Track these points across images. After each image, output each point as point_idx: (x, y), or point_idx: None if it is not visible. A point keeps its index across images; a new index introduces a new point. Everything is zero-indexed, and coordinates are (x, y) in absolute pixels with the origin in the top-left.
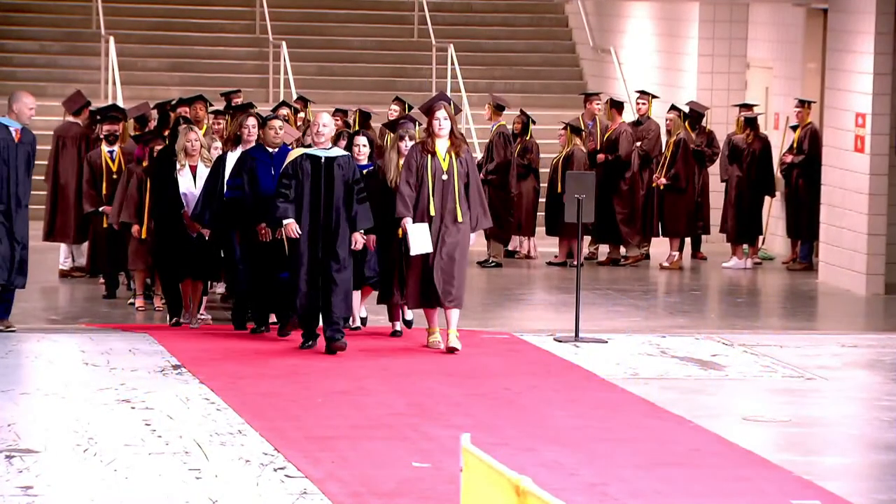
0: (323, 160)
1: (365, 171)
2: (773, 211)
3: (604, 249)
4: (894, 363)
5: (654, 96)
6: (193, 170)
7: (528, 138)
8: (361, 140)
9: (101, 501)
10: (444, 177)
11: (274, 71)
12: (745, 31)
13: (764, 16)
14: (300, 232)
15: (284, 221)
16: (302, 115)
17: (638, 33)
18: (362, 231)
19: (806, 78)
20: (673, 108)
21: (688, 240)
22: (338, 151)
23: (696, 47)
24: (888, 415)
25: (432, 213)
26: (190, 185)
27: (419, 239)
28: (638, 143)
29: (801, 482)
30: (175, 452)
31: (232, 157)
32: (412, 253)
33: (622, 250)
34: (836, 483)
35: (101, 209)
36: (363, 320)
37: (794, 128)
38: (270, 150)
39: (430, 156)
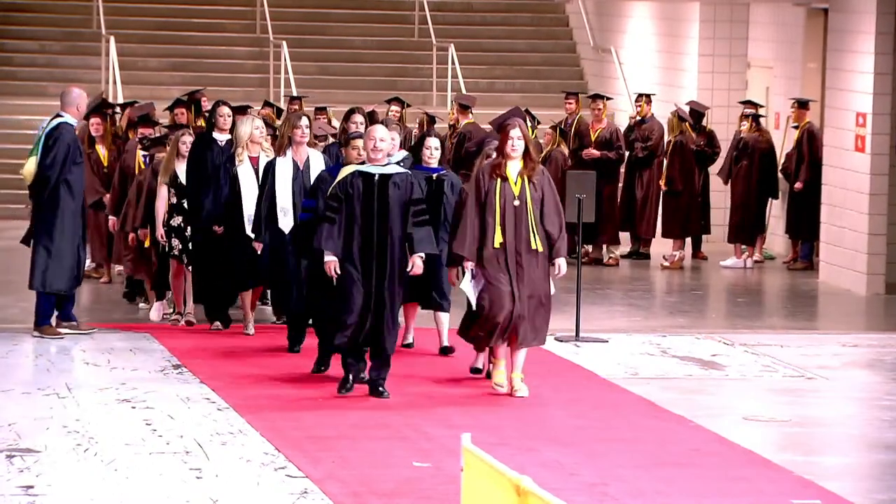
0: (376, 178)
1: (434, 176)
2: (774, 210)
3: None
4: (894, 363)
5: (650, 96)
6: (254, 161)
7: (532, 137)
8: (433, 142)
9: (102, 501)
10: (516, 202)
11: (274, 71)
12: (746, 31)
13: (764, 16)
14: (339, 271)
15: (326, 258)
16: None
17: (638, 33)
18: (422, 255)
19: (806, 78)
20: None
21: (688, 239)
22: (394, 168)
23: (697, 47)
24: (888, 415)
25: (497, 245)
26: (252, 181)
27: (471, 291)
28: (640, 143)
29: (801, 482)
30: (176, 452)
31: (281, 163)
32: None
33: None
34: (836, 483)
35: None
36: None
37: (796, 127)
38: None
39: (499, 179)
